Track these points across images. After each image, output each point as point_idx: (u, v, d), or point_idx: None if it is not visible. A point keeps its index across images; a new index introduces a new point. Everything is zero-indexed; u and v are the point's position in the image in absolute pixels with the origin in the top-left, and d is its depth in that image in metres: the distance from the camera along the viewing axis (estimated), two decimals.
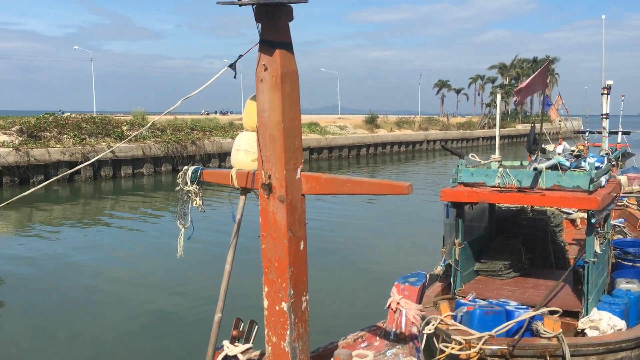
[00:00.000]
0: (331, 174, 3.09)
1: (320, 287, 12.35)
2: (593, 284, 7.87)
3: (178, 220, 3.54)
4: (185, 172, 3.41)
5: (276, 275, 3.11)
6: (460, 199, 8.27)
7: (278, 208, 3.03)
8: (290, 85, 2.95)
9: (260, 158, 3.03)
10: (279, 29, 2.87)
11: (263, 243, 3.13)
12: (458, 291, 8.66)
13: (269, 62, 2.89)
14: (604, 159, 8.70)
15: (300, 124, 3.06)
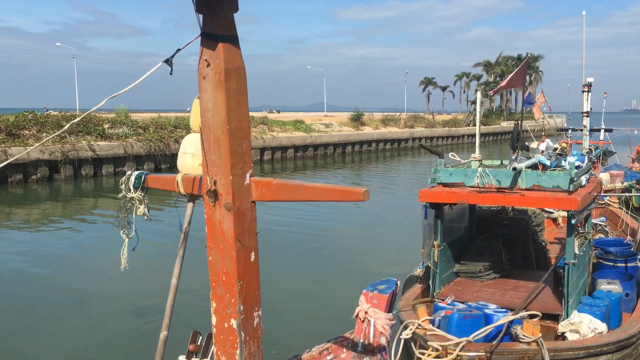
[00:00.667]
0: (283, 179, 2.83)
1: (286, 295, 12.10)
2: (573, 286, 7.70)
3: (121, 229, 3.27)
4: (128, 178, 3.14)
5: (224, 289, 2.85)
6: (439, 200, 8.06)
7: (225, 217, 2.77)
8: (236, 83, 2.69)
9: (204, 162, 2.77)
10: (222, 20, 2.61)
11: (210, 255, 2.87)
12: (437, 294, 8.45)
13: (212, 57, 2.64)
14: (584, 157, 8.54)
15: (248, 124, 2.80)
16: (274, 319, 10.50)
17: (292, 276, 13.80)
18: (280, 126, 48.39)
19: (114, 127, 35.97)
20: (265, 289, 11.27)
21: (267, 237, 18.35)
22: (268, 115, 60.27)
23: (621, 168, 27.64)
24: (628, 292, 8.89)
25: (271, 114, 77.72)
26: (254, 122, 46.54)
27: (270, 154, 44.35)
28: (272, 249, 16.84)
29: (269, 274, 13.99)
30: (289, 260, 15.57)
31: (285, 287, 12.88)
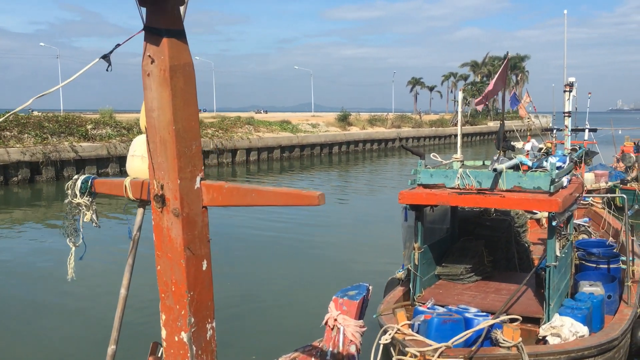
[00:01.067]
0: (235, 183, 2.66)
1: (254, 301, 11.85)
2: (554, 289, 7.59)
3: (67, 237, 3.07)
4: (74, 182, 2.95)
5: (174, 301, 2.67)
6: (419, 202, 7.92)
7: (173, 223, 2.59)
8: (183, 80, 2.51)
9: (151, 165, 2.59)
10: (167, 14, 2.43)
11: (158, 264, 2.69)
12: (417, 297, 8.30)
13: (156, 54, 2.45)
14: (565, 158, 8.44)
15: (197, 125, 2.62)
16: (241, 325, 10.31)
17: (269, 281, 13.61)
18: (267, 126, 48.16)
19: (97, 128, 35.57)
20: (237, 294, 11.16)
21: (244, 240, 18.16)
22: (255, 116, 60.05)
23: (606, 168, 27.74)
24: (610, 294, 8.80)
25: (258, 114, 77.44)
26: (239, 123, 46.31)
27: (256, 154, 44.11)
28: (249, 252, 16.65)
29: (245, 278, 13.76)
30: (267, 263, 15.39)
31: (260, 291, 12.69)
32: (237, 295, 12.30)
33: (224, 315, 10.89)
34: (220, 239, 18.37)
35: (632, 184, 22.81)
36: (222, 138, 41.49)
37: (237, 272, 14.42)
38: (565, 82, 8.49)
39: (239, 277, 13.81)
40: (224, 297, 12.08)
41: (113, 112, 42.40)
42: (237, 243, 17.98)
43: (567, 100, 8.73)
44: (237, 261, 15.56)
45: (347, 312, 4.17)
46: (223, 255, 16.31)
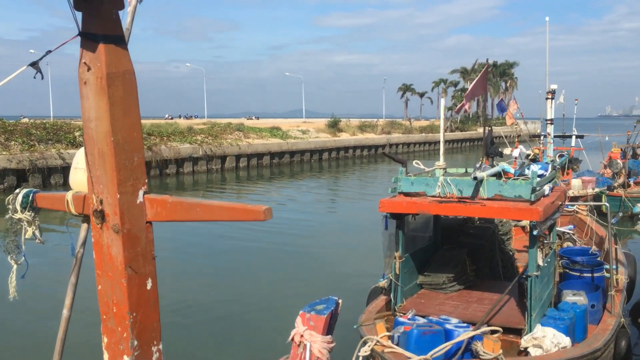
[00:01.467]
0: (180, 197, 2.51)
1: (224, 315, 11.59)
2: (536, 299, 7.47)
3: (9, 255, 2.91)
4: (15, 196, 2.79)
5: (115, 323, 2.52)
6: (399, 210, 7.79)
7: (113, 240, 2.45)
8: (122, 89, 2.37)
9: (89, 179, 2.44)
10: (104, 18, 2.30)
11: (99, 283, 2.54)
12: (399, 307, 8.17)
13: (92, 61, 2.32)
14: (548, 166, 8.34)
15: (140, 136, 2.48)
16: (205, 341, 10.08)
17: (245, 292, 13.41)
18: (257, 133, 48.01)
19: None
20: (206, 306, 10.81)
21: (218, 247, 17.90)
22: (246, 122, 59.89)
23: (593, 174, 27.78)
24: (594, 303, 8.71)
25: (250, 121, 77.25)
26: (229, 129, 46.13)
27: (245, 160, 43.91)
28: (229, 263, 16.40)
29: (221, 289, 13.50)
30: (246, 274, 15.18)
31: (233, 304, 12.48)
32: (209, 307, 12.08)
33: (189, 331, 10.65)
34: (198, 249, 18.17)
35: (618, 191, 22.81)
36: (211, 144, 41.28)
37: (214, 283, 14.23)
38: (547, 89, 8.41)
39: (214, 289, 13.60)
40: (191, 311, 11.83)
41: None
42: (216, 253, 17.79)
43: (549, 107, 8.64)
44: (215, 272, 15.37)
45: (314, 327, 4.02)
46: (199, 266, 16.13)
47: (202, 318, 11.57)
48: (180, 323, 11.24)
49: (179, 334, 10.52)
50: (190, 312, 11.95)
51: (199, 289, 13.60)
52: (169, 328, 10.53)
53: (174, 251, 17.48)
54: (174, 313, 11.75)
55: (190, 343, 10.04)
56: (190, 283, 14.20)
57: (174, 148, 38.35)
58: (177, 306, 11.99)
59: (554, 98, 8.52)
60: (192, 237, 19.71)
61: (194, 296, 12.99)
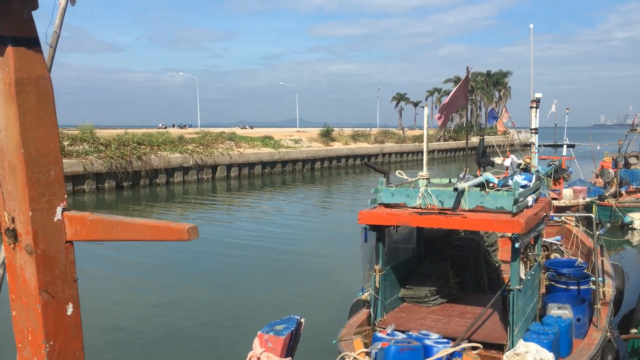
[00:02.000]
0: (100, 214, 2.29)
1: (188, 330, 11.20)
2: (519, 313, 7.26)
3: None
4: None
5: (31, 352, 2.29)
6: (379, 222, 7.59)
7: (26, 262, 2.23)
8: (36, 96, 2.16)
9: (0, 195, 2.22)
10: (14, 19, 2.09)
11: (13, 309, 2.32)
12: (379, 322, 7.94)
13: (0, 65, 2.10)
14: (532, 176, 8.16)
15: (57, 147, 2.27)
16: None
17: (218, 305, 13.14)
18: (248, 142, 47.81)
19: (75, 144, 34.97)
20: (168, 322, 10.36)
21: (203, 261, 17.61)
22: (236, 131, 59.61)
23: (585, 184, 27.67)
24: (580, 317, 8.50)
25: (244, 130, 77.01)
26: (220, 139, 45.92)
27: (237, 170, 43.66)
28: (205, 275, 16.11)
29: (194, 303, 13.15)
30: (224, 285, 14.91)
31: (204, 318, 12.19)
32: (172, 323, 11.77)
33: (142, 350, 10.29)
34: (177, 261, 17.89)
35: (609, 200, 22.69)
36: (202, 154, 41.03)
37: (186, 295, 13.96)
38: (531, 98, 8.24)
39: (182, 303, 13.29)
40: (152, 328, 11.47)
41: (94, 128, 41.81)
42: (194, 266, 17.52)
43: (533, 116, 8.47)
44: (190, 285, 15.11)
45: (272, 349, 3.80)
46: (166, 278, 15.84)
47: (160, 335, 11.29)
48: (132, 341, 10.99)
49: (130, 352, 10.22)
50: (151, 328, 11.68)
51: (164, 302, 13.30)
52: (125, 346, 10.21)
53: (135, 261, 17.22)
54: (129, 330, 11.49)
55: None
56: (157, 295, 13.94)
57: (164, 157, 38.08)
58: (131, 323, 11.73)
59: (537, 107, 8.35)
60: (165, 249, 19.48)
61: (158, 311, 12.73)
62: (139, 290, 14.67)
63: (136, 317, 12.37)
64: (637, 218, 21.98)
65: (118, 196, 34.06)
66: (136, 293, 14.36)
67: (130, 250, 19.58)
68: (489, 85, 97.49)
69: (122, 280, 15.86)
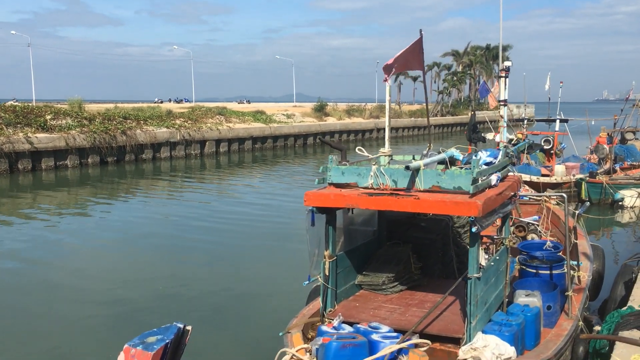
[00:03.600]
0: None
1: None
2: (478, 304, 6.60)
3: None
4: None
5: None
6: (326, 204, 6.87)
7: None
8: None
9: None
10: None
11: None
12: (328, 313, 7.28)
13: None
14: (497, 152, 7.44)
15: None
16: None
17: (158, 291, 12.55)
18: (239, 117, 46.93)
19: (57, 119, 34.16)
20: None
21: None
22: (232, 106, 58.62)
23: (578, 160, 26.90)
24: (550, 304, 7.85)
25: (240, 105, 75.93)
26: (210, 113, 45.06)
27: (226, 145, 42.89)
28: (151, 252, 15.56)
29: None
30: (165, 270, 14.27)
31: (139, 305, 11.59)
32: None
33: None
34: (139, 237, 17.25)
35: (600, 177, 21.93)
36: (189, 129, 40.21)
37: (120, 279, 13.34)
38: (500, 67, 7.46)
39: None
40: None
41: (82, 102, 40.92)
42: (154, 246, 16.91)
43: (502, 87, 7.72)
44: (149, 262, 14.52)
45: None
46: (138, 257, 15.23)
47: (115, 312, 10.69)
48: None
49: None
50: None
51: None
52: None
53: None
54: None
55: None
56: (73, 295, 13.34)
57: (150, 132, 37.28)
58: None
59: (507, 76, 7.59)
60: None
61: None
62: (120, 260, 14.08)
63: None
64: (628, 195, 21.27)
65: (102, 171, 33.38)
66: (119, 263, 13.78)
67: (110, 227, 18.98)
68: (488, 60, 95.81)
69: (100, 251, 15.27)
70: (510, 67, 7.60)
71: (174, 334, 3.44)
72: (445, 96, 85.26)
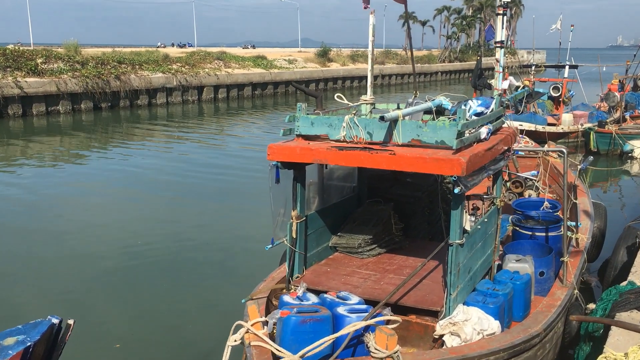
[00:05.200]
0: None
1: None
2: (460, 273, 5.85)
3: None
4: None
5: None
6: (291, 159, 6.05)
7: None
8: None
9: None
10: None
11: None
12: (295, 279, 6.57)
13: None
14: (490, 102, 6.54)
15: None
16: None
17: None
18: (239, 62, 45.52)
19: (49, 62, 33.04)
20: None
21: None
22: (232, 51, 56.89)
23: (588, 108, 25.76)
24: (543, 270, 7.13)
25: (244, 50, 74.00)
26: (209, 58, 43.68)
27: (225, 92, 41.71)
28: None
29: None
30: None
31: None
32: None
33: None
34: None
35: (609, 127, 20.88)
36: (186, 74, 38.99)
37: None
38: (498, 3, 6.47)
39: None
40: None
41: (79, 46, 39.61)
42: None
43: (499, 25, 6.74)
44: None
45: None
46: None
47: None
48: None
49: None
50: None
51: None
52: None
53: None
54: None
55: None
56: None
57: (145, 77, 36.13)
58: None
59: (505, 13, 6.62)
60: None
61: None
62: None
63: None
64: (638, 146, 20.27)
65: (96, 117, 32.52)
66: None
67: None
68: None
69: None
70: (508, 3, 6.61)
71: (41, 334, 2.72)
72: (454, 41, 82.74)
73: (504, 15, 6.84)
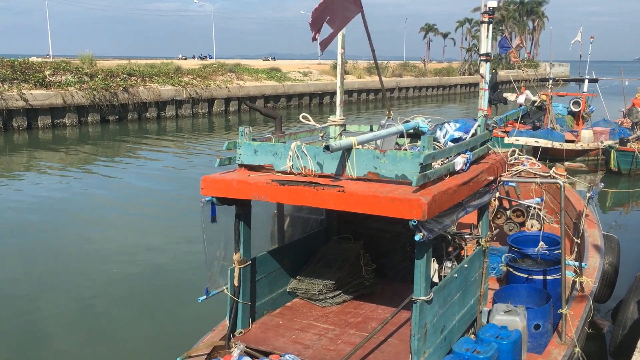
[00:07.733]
0: None
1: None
2: (428, 335, 4.78)
3: None
4: None
5: None
6: (228, 194, 5.06)
7: None
8: None
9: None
10: None
11: None
12: (239, 335, 5.55)
13: None
14: (470, 126, 5.46)
15: None
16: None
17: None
18: (252, 74, 44.89)
19: (57, 75, 32.72)
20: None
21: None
22: (253, 64, 56.36)
23: (609, 124, 24.40)
24: (539, 322, 6.01)
25: (265, 62, 73.63)
26: (221, 70, 43.15)
27: (236, 104, 41.05)
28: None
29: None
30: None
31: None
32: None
33: None
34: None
35: (632, 145, 19.53)
36: (197, 87, 38.42)
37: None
38: (482, 10, 5.46)
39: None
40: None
41: (93, 58, 39.42)
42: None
43: (485, 36, 5.71)
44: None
45: None
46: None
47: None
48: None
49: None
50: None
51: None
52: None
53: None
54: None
55: None
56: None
57: (154, 90, 35.62)
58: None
59: (491, 22, 5.60)
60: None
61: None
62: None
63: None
64: None
65: (103, 130, 32.05)
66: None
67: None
68: (522, 15, 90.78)
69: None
70: (495, 8, 5.57)
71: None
72: (473, 53, 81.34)
73: (489, 23, 5.79)
